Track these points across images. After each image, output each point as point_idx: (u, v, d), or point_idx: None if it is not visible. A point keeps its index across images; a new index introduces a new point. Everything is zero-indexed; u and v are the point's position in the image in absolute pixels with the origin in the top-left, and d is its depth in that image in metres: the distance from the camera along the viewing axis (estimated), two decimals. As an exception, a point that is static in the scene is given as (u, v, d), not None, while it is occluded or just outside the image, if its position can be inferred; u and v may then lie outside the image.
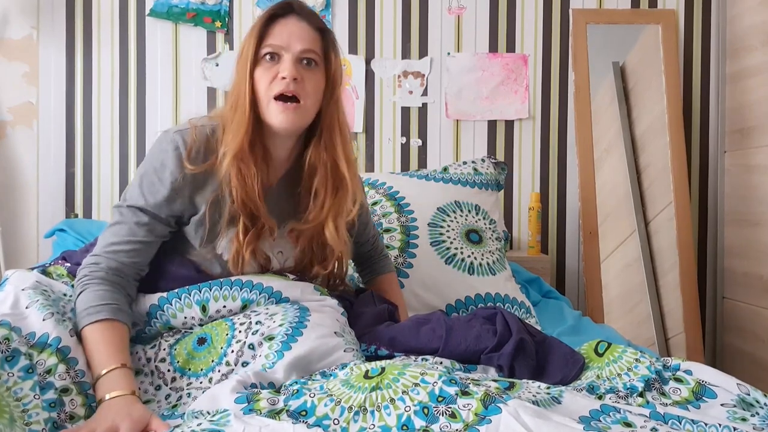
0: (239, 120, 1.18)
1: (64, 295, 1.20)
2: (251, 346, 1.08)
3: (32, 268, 1.35)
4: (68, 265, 1.36)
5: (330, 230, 1.26)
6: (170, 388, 1.08)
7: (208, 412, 0.90)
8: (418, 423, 0.83)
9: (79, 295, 1.11)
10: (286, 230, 1.28)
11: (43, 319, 1.04)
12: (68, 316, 1.11)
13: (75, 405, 0.97)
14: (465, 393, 0.85)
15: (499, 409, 0.80)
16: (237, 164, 1.17)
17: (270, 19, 1.21)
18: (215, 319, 1.17)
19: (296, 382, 0.97)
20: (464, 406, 0.83)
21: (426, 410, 0.84)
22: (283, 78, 1.17)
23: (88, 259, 1.17)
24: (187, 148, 1.17)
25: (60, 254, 1.51)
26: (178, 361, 1.10)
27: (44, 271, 1.32)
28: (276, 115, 1.18)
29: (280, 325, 1.10)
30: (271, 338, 1.08)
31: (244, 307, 1.18)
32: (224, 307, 1.17)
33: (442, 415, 0.83)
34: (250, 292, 1.18)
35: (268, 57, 1.19)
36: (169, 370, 1.10)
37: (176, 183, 1.17)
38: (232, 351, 1.08)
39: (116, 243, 1.17)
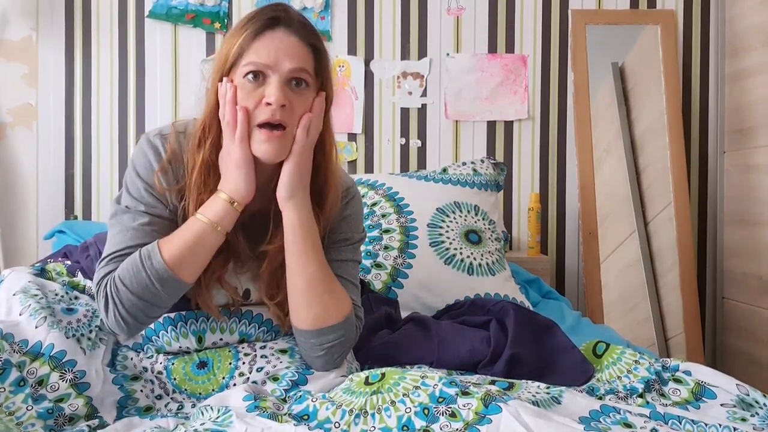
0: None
1: (56, 294, 1.18)
2: (254, 384, 1.06)
3: (33, 265, 1.36)
4: (68, 263, 1.36)
5: None
6: (171, 398, 1.07)
7: (212, 408, 0.90)
8: (419, 423, 0.83)
9: (110, 298, 1.02)
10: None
11: (36, 326, 1.03)
12: (60, 317, 1.08)
13: (75, 407, 0.97)
14: (465, 393, 0.85)
15: (499, 409, 0.80)
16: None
17: (256, 33, 1.06)
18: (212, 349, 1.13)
19: (299, 391, 0.97)
20: (464, 406, 0.83)
21: (426, 411, 0.84)
22: (269, 104, 1.03)
23: (99, 269, 1.07)
24: (162, 163, 1.09)
25: (62, 249, 1.51)
26: (174, 378, 1.08)
27: (43, 269, 1.32)
28: (259, 145, 1.04)
29: (287, 368, 1.08)
30: (275, 379, 1.06)
31: (241, 341, 1.14)
32: (221, 339, 1.13)
33: (443, 415, 0.83)
34: (249, 325, 1.14)
35: (251, 76, 1.04)
36: (167, 383, 1.09)
37: (157, 189, 1.09)
38: (234, 384, 1.05)
39: (117, 252, 1.06)
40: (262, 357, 1.10)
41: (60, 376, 0.99)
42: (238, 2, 2.42)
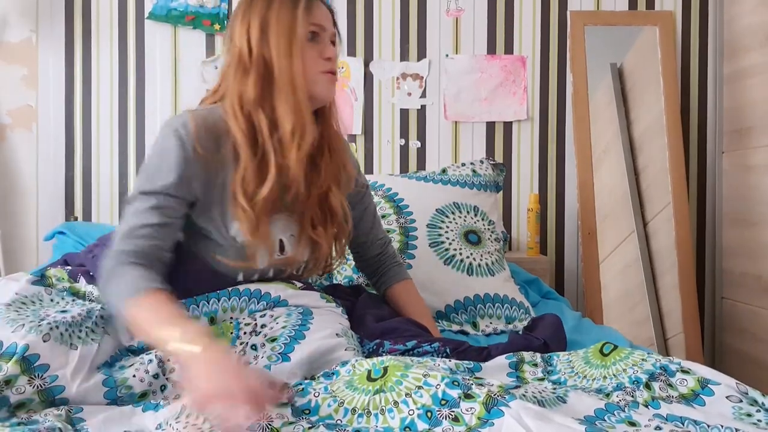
0: (298, 99, 1.19)
1: (51, 300, 1.17)
2: (254, 347, 1.10)
3: (33, 272, 1.35)
4: (69, 268, 1.35)
5: (334, 194, 1.30)
6: (167, 378, 1.05)
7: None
8: (421, 426, 0.84)
9: (108, 286, 1.09)
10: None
11: (13, 331, 1.00)
12: (48, 321, 1.04)
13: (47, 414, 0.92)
14: (468, 396, 0.85)
15: (501, 413, 0.81)
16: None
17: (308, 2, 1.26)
18: None
19: (300, 383, 0.97)
20: (467, 410, 0.83)
21: (429, 414, 0.85)
22: (329, 59, 1.24)
23: (108, 253, 1.13)
24: (192, 132, 1.16)
25: (62, 257, 1.51)
26: None
27: (43, 275, 1.31)
28: (326, 87, 1.24)
29: (283, 327, 1.12)
30: (273, 339, 1.10)
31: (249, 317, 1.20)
32: (231, 318, 1.18)
33: (446, 419, 0.83)
34: (258, 302, 1.19)
35: (310, 36, 1.23)
36: (168, 360, 1.08)
37: (183, 167, 1.15)
38: (235, 351, 1.10)
39: (131, 230, 1.13)
40: (261, 326, 1.14)
41: (28, 380, 0.95)
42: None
